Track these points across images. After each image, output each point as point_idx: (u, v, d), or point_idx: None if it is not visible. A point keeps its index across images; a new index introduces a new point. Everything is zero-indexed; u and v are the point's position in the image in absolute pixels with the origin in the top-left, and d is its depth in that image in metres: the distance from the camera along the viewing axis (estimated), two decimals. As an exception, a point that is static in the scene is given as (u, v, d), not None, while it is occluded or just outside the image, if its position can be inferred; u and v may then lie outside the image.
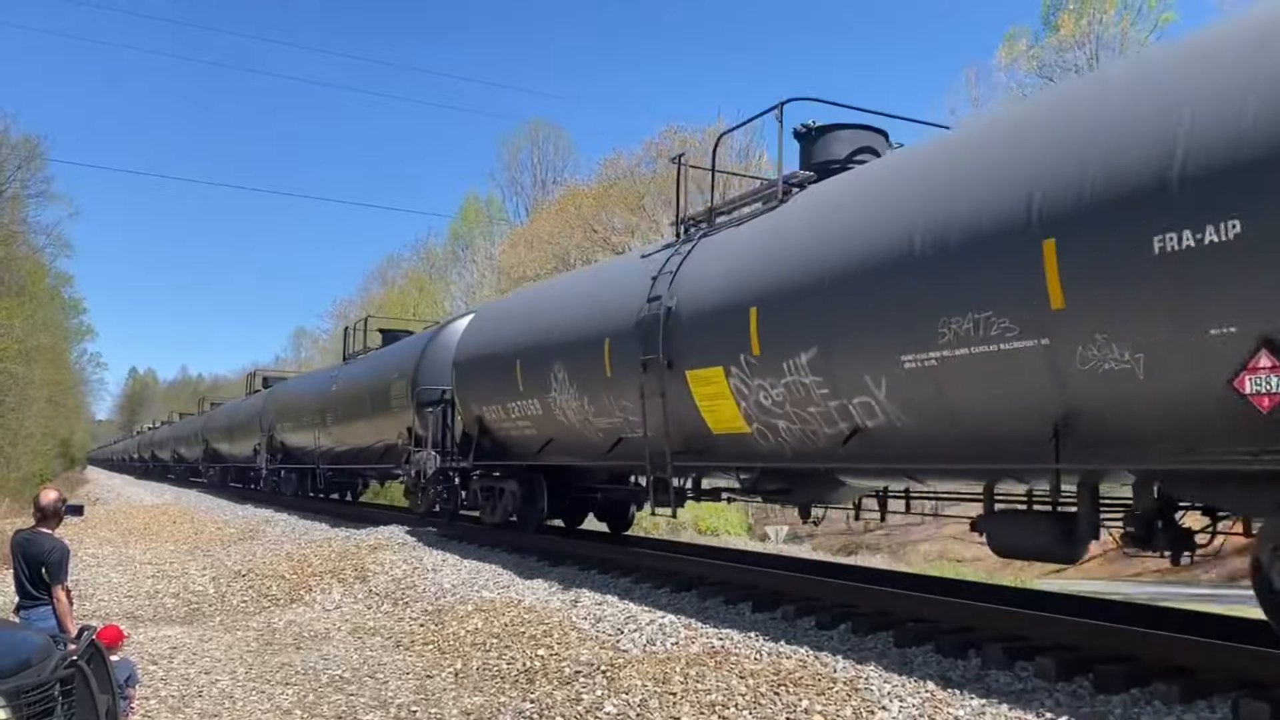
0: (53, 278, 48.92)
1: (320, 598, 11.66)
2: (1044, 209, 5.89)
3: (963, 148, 7.21)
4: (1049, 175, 5.94)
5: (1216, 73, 5.21)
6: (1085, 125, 5.90)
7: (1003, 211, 6.20)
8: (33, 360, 37.41)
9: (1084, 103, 6.10)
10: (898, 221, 7.13)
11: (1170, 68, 5.66)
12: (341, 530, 17.13)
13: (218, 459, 37.94)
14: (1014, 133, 6.62)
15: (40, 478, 38.49)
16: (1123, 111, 5.69)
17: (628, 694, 6.30)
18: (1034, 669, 6.20)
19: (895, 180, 7.64)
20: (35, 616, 6.06)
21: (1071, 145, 5.89)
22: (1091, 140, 5.77)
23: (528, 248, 39.14)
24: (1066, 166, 5.84)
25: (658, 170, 35.50)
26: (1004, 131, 6.85)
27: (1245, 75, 5.03)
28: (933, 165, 7.28)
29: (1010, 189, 6.19)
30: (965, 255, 6.45)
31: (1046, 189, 5.91)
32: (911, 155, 8.00)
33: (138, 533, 21.25)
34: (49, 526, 6.38)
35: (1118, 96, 5.83)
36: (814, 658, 6.91)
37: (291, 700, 7.10)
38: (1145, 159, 5.36)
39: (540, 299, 13.93)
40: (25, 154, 38.95)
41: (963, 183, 6.69)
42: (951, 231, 6.58)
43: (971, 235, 6.42)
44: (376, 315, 31.34)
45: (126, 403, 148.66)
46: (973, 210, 6.46)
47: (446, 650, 8.52)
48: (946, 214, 6.67)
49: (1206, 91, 5.20)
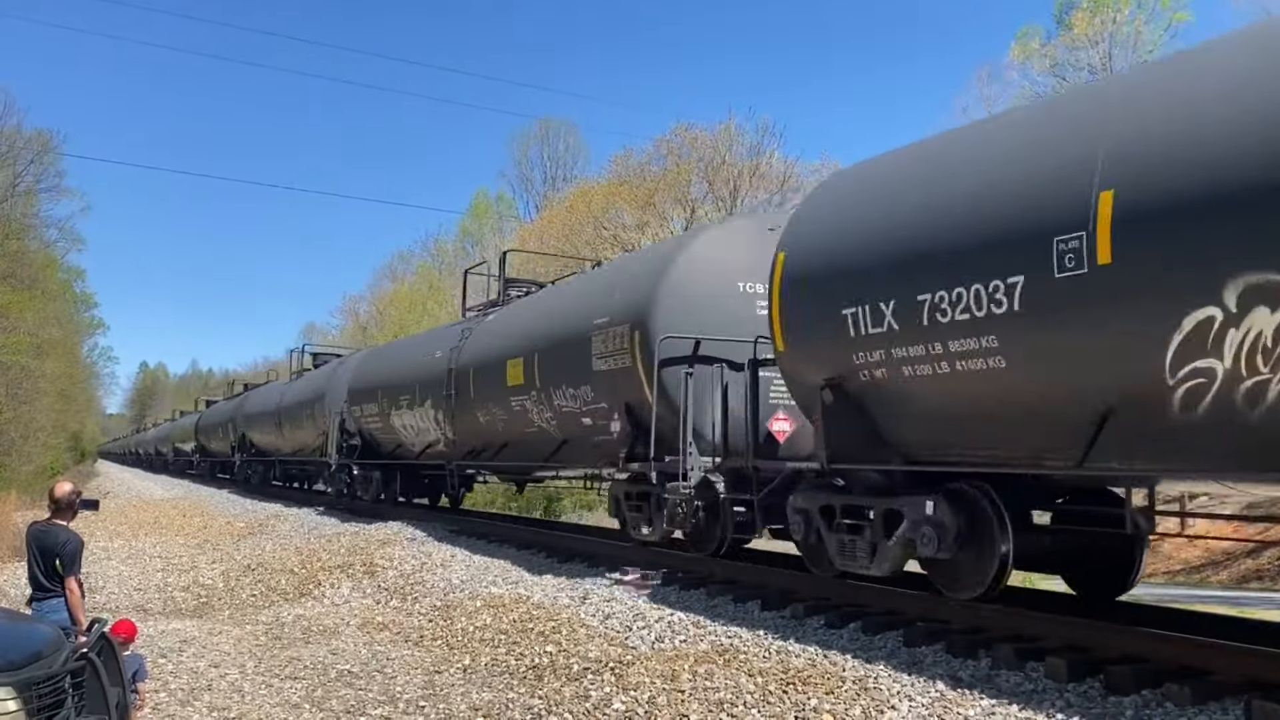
0: (64, 272, 49.13)
1: (329, 592, 11.69)
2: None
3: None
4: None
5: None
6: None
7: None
8: (44, 354, 37.55)
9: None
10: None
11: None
12: (350, 525, 17.16)
13: (258, 453, 32.41)
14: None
15: (51, 471, 38.66)
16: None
17: (636, 691, 6.29)
18: (1045, 669, 6.17)
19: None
20: (47, 608, 6.08)
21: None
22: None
23: (537, 245, 39.10)
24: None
25: (668, 167, 35.42)
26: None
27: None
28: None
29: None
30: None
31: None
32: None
33: (148, 526, 21.37)
34: (64, 519, 6.40)
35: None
36: (823, 656, 6.89)
37: (300, 694, 7.12)
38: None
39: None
40: (38, 148, 39.12)
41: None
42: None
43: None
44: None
45: (137, 397, 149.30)
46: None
47: (455, 646, 8.53)
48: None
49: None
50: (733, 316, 10.16)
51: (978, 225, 6.55)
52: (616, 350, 10.87)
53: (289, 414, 26.46)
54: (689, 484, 9.75)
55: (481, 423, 14.71)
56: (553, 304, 13.67)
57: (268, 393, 31.46)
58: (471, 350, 15.11)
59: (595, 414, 11.53)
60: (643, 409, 10.58)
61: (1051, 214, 5.97)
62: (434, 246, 57.99)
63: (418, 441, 17.80)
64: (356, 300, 64.75)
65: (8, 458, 33.51)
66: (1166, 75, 6.13)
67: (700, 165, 34.81)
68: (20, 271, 36.14)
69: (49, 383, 39.37)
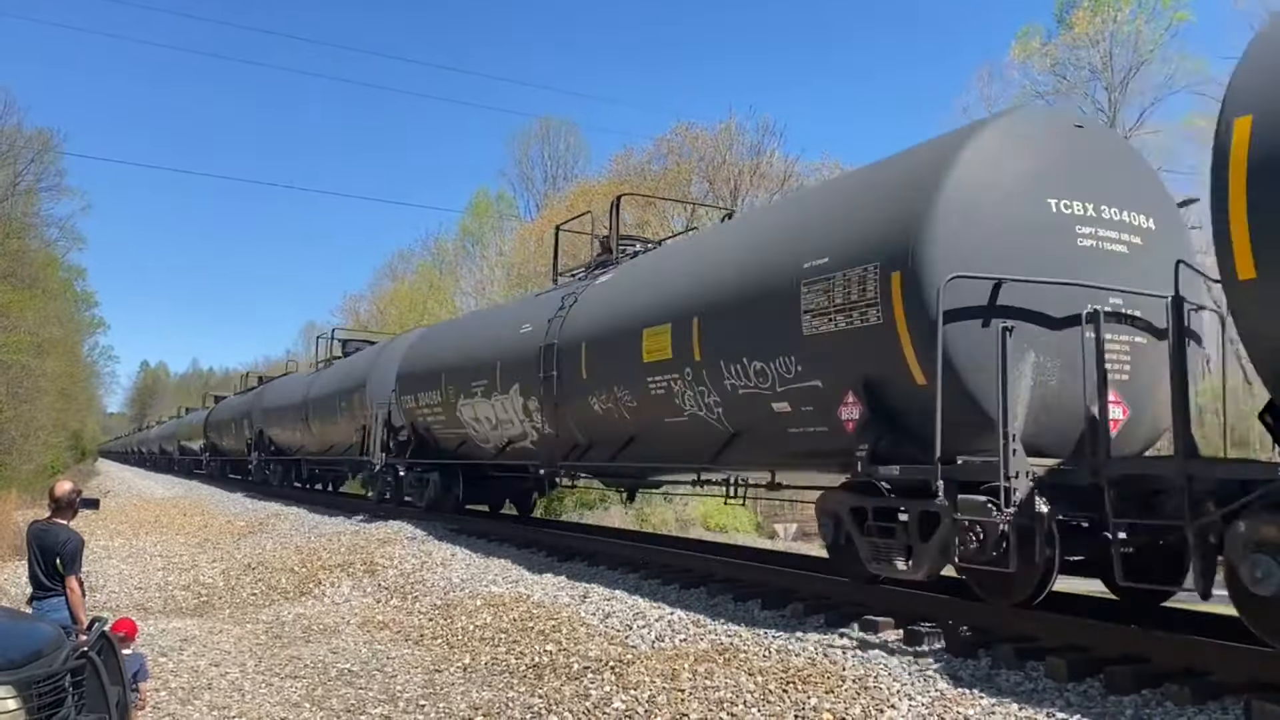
0: (65, 270, 49.14)
1: (329, 591, 11.69)
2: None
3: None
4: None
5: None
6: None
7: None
8: (45, 353, 37.53)
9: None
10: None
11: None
12: (351, 524, 17.17)
13: (277, 451, 29.82)
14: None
15: (52, 470, 38.65)
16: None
17: (636, 690, 6.29)
18: (1044, 669, 6.16)
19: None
20: (48, 607, 6.09)
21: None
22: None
23: (537, 245, 39.06)
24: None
25: (669, 167, 35.40)
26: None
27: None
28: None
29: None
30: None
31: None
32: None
33: (148, 525, 21.38)
34: (64, 518, 6.41)
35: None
36: (823, 655, 6.89)
37: (300, 693, 7.12)
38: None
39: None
40: (39, 147, 39.13)
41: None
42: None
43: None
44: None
45: (138, 395, 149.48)
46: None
47: (455, 645, 8.53)
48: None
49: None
50: (1042, 251, 7.08)
51: None
52: (852, 303, 7.61)
53: (318, 407, 23.77)
54: (1012, 500, 6.40)
55: (597, 413, 11.59)
56: (724, 247, 9.97)
57: (290, 385, 28.86)
58: (580, 319, 12.00)
59: (799, 396, 8.33)
60: (897, 387, 7.40)
61: None
62: (434, 245, 58.00)
63: (495, 437, 14.70)
64: (357, 299, 64.74)
65: (8, 456, 33.51)
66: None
67: (701, 164, 34.84)
68: (21, 270, 36.12)
69: (49, 381, 39.35)
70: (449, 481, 17.17)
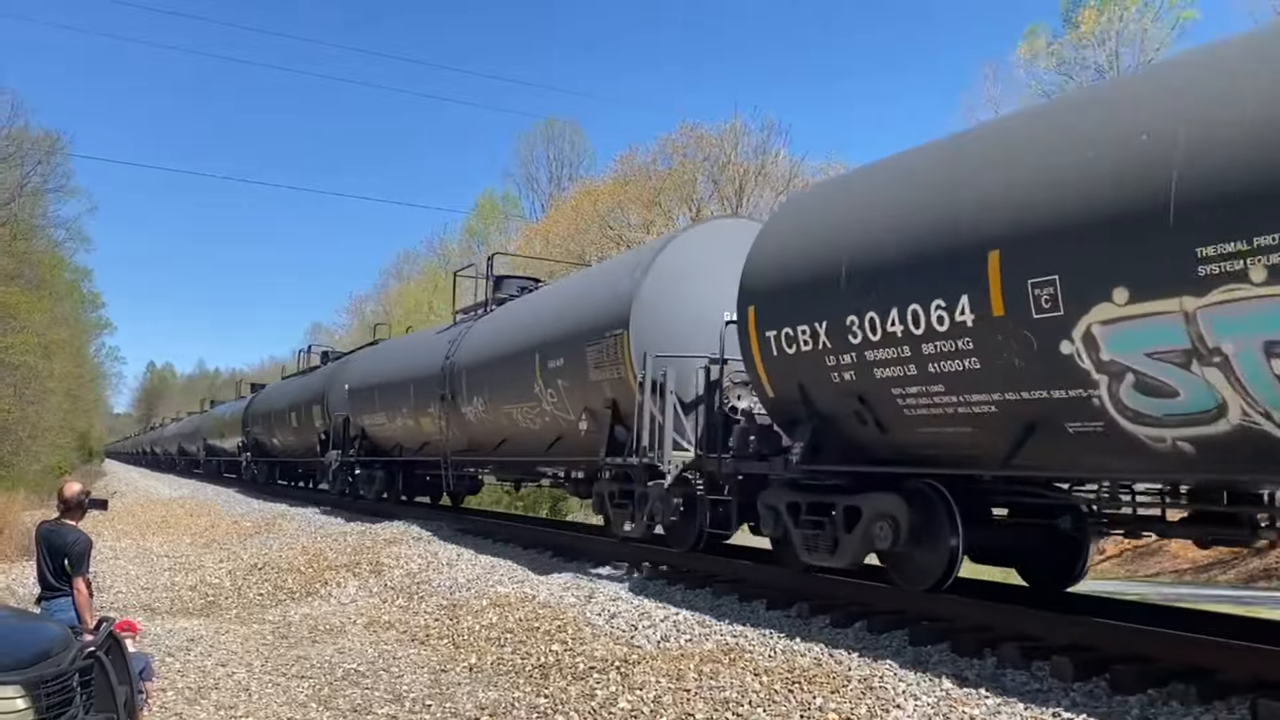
0: (72, 271, 49.21)
1: (336, 591, 11.72)
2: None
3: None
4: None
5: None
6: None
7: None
8: (52, 354, 37.63)
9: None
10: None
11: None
12: (357, 524, 17.19)
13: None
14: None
15: (59, 470, 38.79)
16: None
17: (641, 690, 6.30)
18: (1050, 668, 6.16)
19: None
20: (55, 607, 6.12)
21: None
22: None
23: (542, 244, 39.09)
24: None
25: (673, 167, 35.41)
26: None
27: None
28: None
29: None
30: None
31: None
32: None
33: (155, 526, 21.43)
34: (73, 519, 6.44)
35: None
36: (829, 655, 6.89)
37: (307, 693, 7.14)
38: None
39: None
40: (46, 149, 39.18)
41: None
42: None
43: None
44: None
45: (144, 396, 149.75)
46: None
47: (461, 645, 8.55)
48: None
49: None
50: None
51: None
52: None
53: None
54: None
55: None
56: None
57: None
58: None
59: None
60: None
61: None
62: (440, 246, 58.11)
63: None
64: (363, 300, 64.97)
65: (16, 457, 33.62)
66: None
67: (706, 165, 34.83)
68: (28, 272, 36.22)
69: (56, 382, 39.48)
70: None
